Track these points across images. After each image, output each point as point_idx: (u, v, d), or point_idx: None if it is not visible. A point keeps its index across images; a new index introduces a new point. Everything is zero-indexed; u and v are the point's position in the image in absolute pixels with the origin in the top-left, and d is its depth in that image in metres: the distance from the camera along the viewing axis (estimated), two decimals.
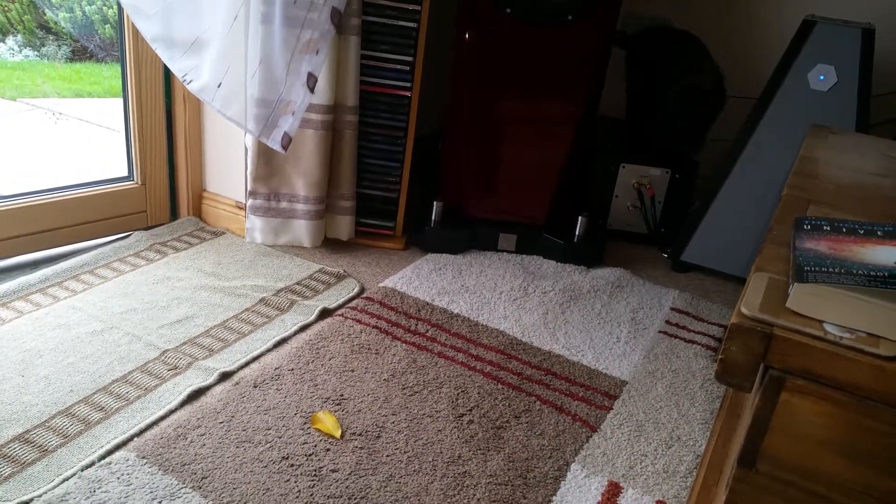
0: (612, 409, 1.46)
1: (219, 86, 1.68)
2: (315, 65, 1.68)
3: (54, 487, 1.12)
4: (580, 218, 2.09)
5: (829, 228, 0.89)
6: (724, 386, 1.53)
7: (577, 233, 2.10)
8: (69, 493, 1.10)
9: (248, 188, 1.91)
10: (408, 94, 1.93)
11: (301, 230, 1.97)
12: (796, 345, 0.65)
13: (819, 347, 0.65)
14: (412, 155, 2.02)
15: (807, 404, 0.66)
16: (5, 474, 1.14)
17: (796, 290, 0.70)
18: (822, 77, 1.86)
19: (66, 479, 1.13)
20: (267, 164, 1.89)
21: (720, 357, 0.68)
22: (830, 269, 0.75)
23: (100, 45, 3.18)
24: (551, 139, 2.11)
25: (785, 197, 1.06)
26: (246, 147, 1.93)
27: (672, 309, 1.89)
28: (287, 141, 1.70)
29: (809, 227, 0.90)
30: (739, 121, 2.06)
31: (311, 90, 1.70)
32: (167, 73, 1.95)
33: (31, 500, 1.09)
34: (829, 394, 0.65)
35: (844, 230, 0.88)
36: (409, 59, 1.89)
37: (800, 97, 1.89)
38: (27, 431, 1.23)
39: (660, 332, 1.77)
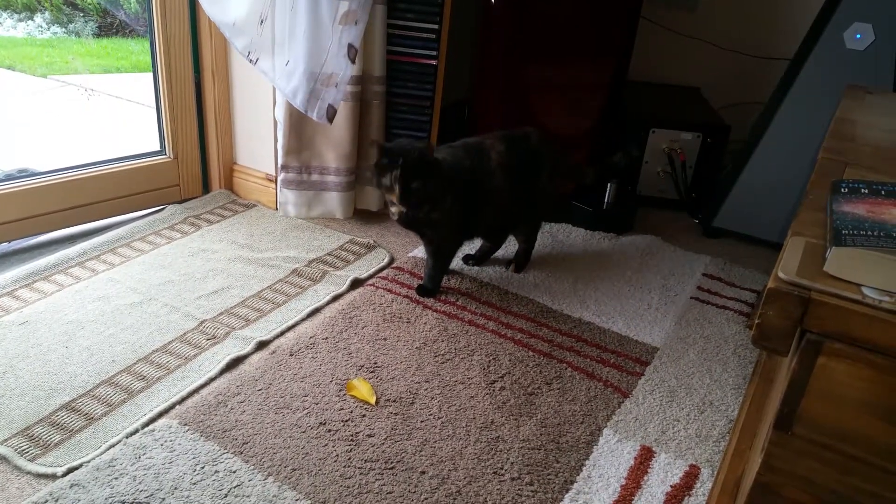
0: (643, 375, 1.47)
1: (286, 64, 1.68)
2: (354, 35, 1.67)
3: (102, 454, 1.16)
4: (609, 185, 2.08)
5: (867, 191, 0.88)
6: (757, 351, 1.53)
7: (606, 200, 2.09)
8: (116, 459, 1.14)
9: (280, 162, 1.92)
10: (434, 62, 1.92)
11: (333, 202, 1.98)
12: (834, 309, 0.65)
13: (858, 311, 0.64)
14: (439, 124, 2.01)
15: (844, 367, 0.66)
16: (55, 441, 1.18)
17: (834, 253, 0.69)
18: (858, 35, 1.81)
19: (113, 446, 1.17)
20: (298, 137, 1.90)
21: (757, 321, 0.68)
22: (869, 233, 0.74)
23: (125, 19, 3.20)
24: (581, 104, 2.09)
25: (821, 160, 1.05)
26: (276, 120, 1.94)
27: (704, 275, 1.88)
28: (332, 113, 1.71)
29: (847, 190, 0.88)
30: (773, 82, 2.02)
31: (353, 61, 1.70)
32: (195, 48, 1.96)
33: (81, 465, 1.13)
34: (867, 357, 0.65)
35: (883, 193, 0.87)
36: (435, 26, 1.88)
37: (835, 57, 1.84)
38: (73, 400, 1.27)
39: (691, 298, 1.77)
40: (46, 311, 1.52)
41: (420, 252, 1.87)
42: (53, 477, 1.11)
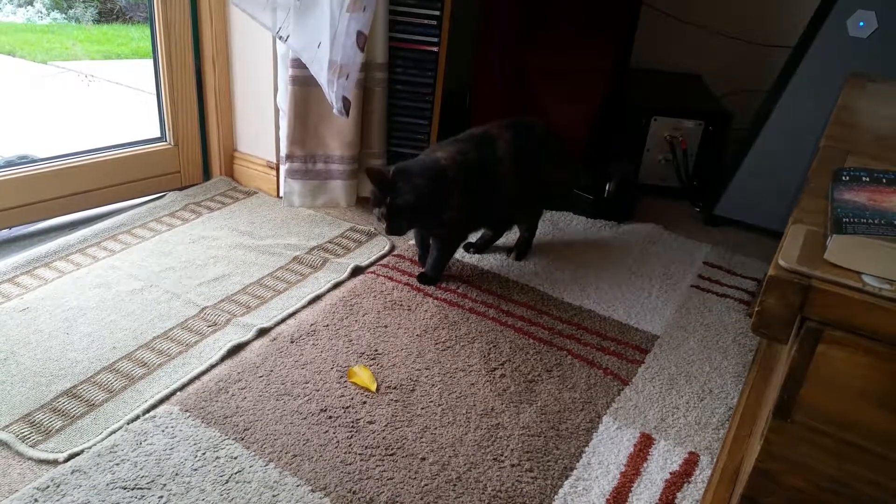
0: (643, 363, 1.47)
1: (318, 46, 1.67)
2: (363, 23, 1.66)
3: (103, 440, 1.16)
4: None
5: (868, 179, 0.88)
6: (757, 339, 1.53)
7: (607, 188, 2.08)
8: (117, 445, 1.15)
9: (284, 151, 1.91)
10: (435, 49, 1.91)
11: (337, 190, 1.98)
12: (834, 296, 0.65)
13: (858, 299, 0.64)
14: (440, 111, 2.00)
15: (844, 355, 0.66)
16: (56, 427, 1.18)
17: (835, 241, 0.69)
18: (861, 23, 1.80)
19: (114, 432, 1.18)
20: (303, 125, 1.88)
21: (757, 309, 0.68)
22: (870, 221, 0.74)
23: (125, 5, 3.19)
24: (582, 92, 2.08)
25: (823, 148, 1.04)
26: (278, 108, 1.93)
27: (704, 263, 1.88)
28: (348, 105, 1.69)
29: (848, 178, 0.88)
30: (775, 70, 2.01)
31: (362, 49, 1.68)
32: (196, 35, 1.95)
33: (82, 451, 1.14)
34: (867, 345, 0.65)
35: (884, 181, 0.87)
36: (437, 13, 1.87)
37: (838, 44, 1.83)
38: (74, 387, 1.28)
39: (692, 286, 1.77)
40: (47, 297, 1.52)
41: None
42: (55, 463, 1.12)
